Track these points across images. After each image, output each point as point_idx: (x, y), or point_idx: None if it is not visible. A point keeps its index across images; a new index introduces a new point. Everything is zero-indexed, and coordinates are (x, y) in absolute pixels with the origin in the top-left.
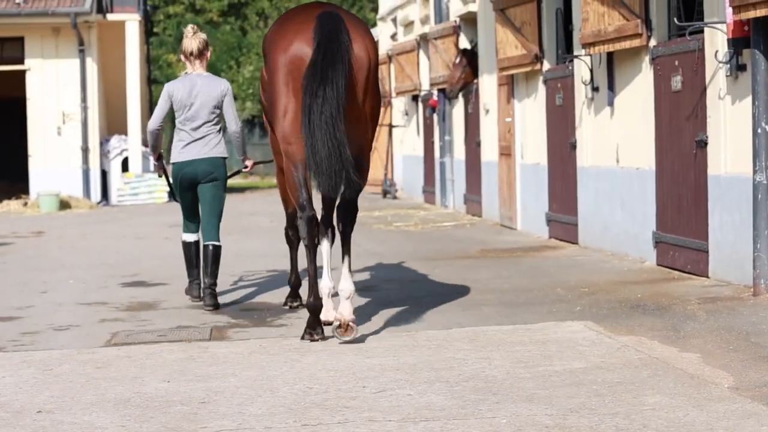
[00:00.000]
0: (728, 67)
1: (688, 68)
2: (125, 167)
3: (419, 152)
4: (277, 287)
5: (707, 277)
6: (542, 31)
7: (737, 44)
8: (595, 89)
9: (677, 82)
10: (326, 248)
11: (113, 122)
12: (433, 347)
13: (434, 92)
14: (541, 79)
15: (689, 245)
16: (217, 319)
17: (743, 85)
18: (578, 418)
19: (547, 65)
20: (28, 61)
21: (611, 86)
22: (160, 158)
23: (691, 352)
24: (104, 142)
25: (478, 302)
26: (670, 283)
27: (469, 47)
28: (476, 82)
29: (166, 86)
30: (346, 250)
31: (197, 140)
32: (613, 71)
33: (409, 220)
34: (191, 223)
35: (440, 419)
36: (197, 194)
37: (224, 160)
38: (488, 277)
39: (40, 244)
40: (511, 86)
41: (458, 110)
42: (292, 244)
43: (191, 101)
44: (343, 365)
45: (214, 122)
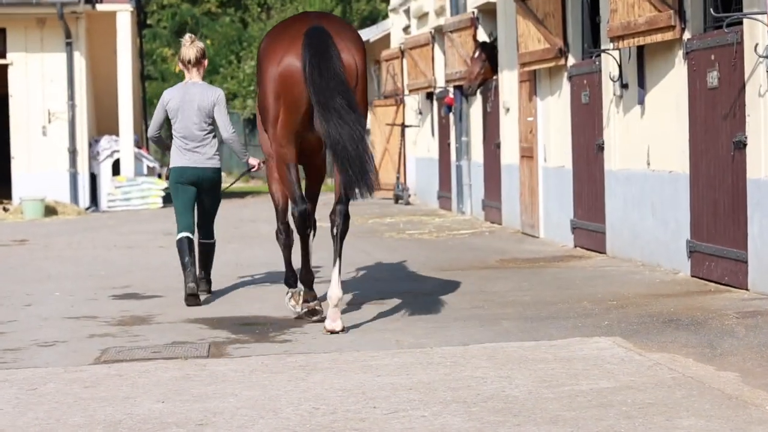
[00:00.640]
0: None
1: (725, 63)
2: (116, 170)
3: (434, 154)
4: (281, 300)
5: (746, 289)
6: (567, 23)
7: None
8: (624, 86)
9: (713, 78)
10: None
11: (103, 122)
12: (448, 365)
13: (450, 89)
14: (565, 75)
15: (726, 255)
16: (215, 334)
17: None
18: None
19: (572, 60)
20: (10, 55)
21: (641, 83)
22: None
23: (729, 370)
24: (93, 143)
25: (497, 316)
26: (705, 295)
27: (487, 41)
28: (495, 78)
29: (163, 94)
30: (337, 256)
31: (193, 149)
32: (643, 67)
33: (422, 227)
34: (185, 221)
35: None
36: (192, 194)
37: (219, 171)
38: (508, 289)
39: (23, 253)
40: (533, 83)
41: (476, 109)
42: (283, 243)
43: (184, 110)
44: (351, 384)
45: (207, 131)
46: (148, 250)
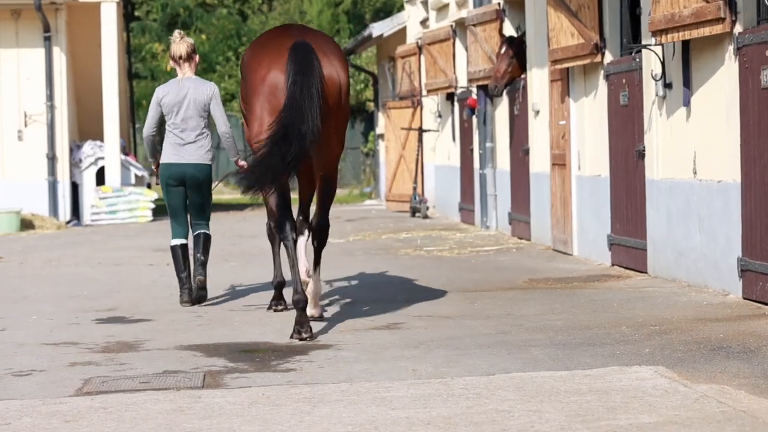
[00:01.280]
0: None
1: None
2: (101, 179)
3: (455, 162)
4: (284, 324)
5: None
6: (604, 15)
7: None
8: (667, 86)
9: None
10: (302, 243)
11: (86, 125)
12: (471, 397)
13: (473, 89)
14: (601, 73)
15: None
16: (211, 362)
17: None
18: None
19: (609, 57)
20: None
21: (687, 82)
22: (159, 167)
23: None
24: (75, 148)
25: (525, 342)
26: (759, 320)
27: (515, 35)
28: (524, 77)
29: (156, 90)
30: (317, 262)
31: (186, 144)
32: (689, 64)
33: (442, 243)
34: (179, 225)
35: None
36: (184, 193)
37: (210, 166)
38: (538, 312)
39: None
40: (565, 82)
41: (502, 111)
42: (274, 239)
43: (179, 105)
44: (362, 418)
45: (202, 126)
46: (136, 268)
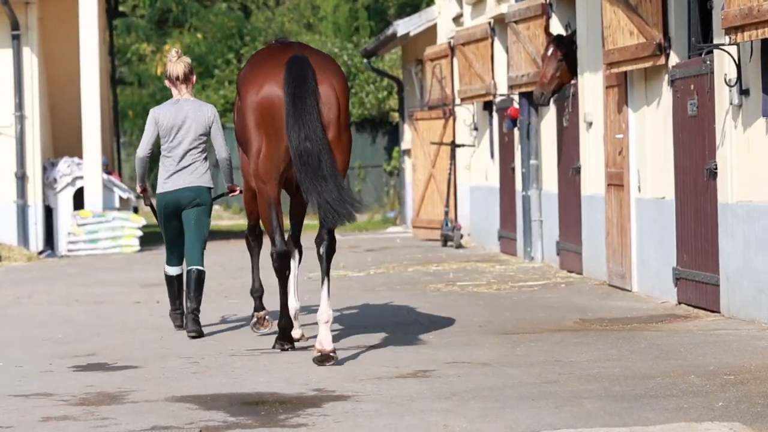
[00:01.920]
0: None
1: None
2: (79, 202)
3: (493, 182)
4: (292, 371)
5: None
6: (668, 9)
7: None
8: (743, 93)
9: None
10: (293, 268)
11: (62, 139)
12: None
13: (515, 97)
14: (666, 78)
15: None
16: (208, 416)
17: None
18: None
19: (675, 59)
20: None
21: (767, 88)
22: (145, 191)
23: None
24: (49, 166)
25: (576, 394)
26: None
27: (564, 34)
28: (574, 83)
29: (151, 111)
30: (325, 277)
31: (182, 169)
32: None
33: (479, 277)
34: (173, 255)
35: None
36: (181, 224)
37: (209, 189)
38: (591, 358)
39: None
40: (623, 89)
41: (549, 123)
42: (252, 250)
43: (177, 128)
44: None
45: (200, 150)
46: (120, 306)
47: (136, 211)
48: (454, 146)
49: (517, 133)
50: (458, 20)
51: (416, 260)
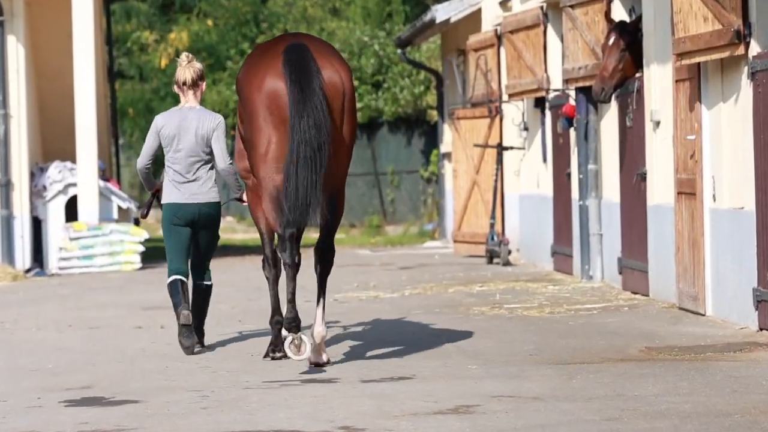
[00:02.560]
0: None
1: None
2: (72, 213)
3: (546, 190)
4: (316, 406)
5: None
6: None
7: None
8: None
9: None
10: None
11: (52, 141)
12: None
13: (571, 93)
14: (746, 70)
15: None
16: None
17: None
18: None
19: (756, 48)
20: None
21: None
22: (156, 193)
23: None
24: (38, 172)
25: None
26: None
27: (627, 20)
28: (639, 76)
29: (155, 119)
30: (321, 293)
31: (188, 182)
32: None
33: (529, 299)
34: (176, 264)
35: None
36: (186, 235)
37: (219, 204)
38: (658, 392)
39: None
40: (696, 83)
41: (610, 122)
42: (270, 275)
43: (180, 138)
44: None
45: (205, 161)
46: (118, 332)
47: (137, 223)
48: (500, 149)
49: (573, 134)
50: (506, 5)
51: (457, 279)
